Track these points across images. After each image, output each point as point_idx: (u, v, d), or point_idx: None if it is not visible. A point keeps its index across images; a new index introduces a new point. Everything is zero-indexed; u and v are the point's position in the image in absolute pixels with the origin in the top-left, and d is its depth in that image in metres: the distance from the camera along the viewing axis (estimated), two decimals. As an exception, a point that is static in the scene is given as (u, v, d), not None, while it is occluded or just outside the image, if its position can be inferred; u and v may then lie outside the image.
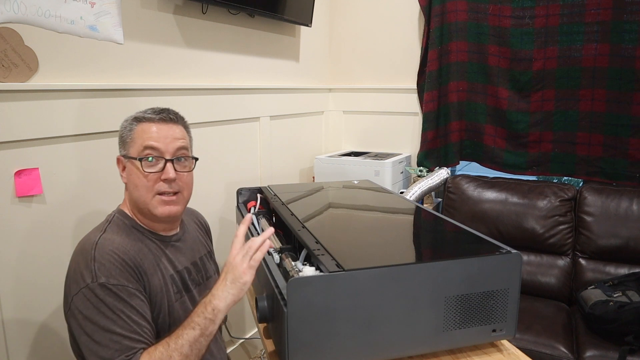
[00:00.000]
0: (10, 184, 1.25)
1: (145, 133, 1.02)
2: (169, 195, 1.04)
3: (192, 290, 1.10)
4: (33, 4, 1.26)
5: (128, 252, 0.97)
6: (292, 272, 0.92)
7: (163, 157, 1.02)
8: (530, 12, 2.21)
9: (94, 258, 0.92)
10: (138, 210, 1.06)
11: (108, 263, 0.92)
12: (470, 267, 0.88)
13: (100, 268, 0.91)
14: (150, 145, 1.01)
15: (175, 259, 1.09)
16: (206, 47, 1.91)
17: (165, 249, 1.08)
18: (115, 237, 0.99)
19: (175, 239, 1.12)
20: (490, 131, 2.42)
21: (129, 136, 1.04)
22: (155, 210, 1.03)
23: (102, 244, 0.95)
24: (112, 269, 0.92)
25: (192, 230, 1.22)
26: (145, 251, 1.02)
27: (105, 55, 1.49)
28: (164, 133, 1.03)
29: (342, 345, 0.83)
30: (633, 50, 2.02)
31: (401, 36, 2.61)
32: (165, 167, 1.02)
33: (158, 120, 1.04)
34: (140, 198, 1.02)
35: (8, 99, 1.23)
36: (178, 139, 1.05)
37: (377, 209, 1.28)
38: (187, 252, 1.14)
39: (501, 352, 0.95)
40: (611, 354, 1.62)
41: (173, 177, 1.02)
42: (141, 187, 1.02)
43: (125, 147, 1.05)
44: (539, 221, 2.11)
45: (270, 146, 2.36)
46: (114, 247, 0.96)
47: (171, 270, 1.06)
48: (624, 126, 2.09)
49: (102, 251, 0.94)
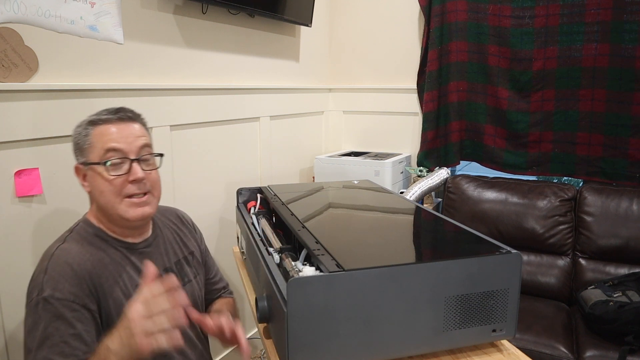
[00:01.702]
0: (10, 184, 1.25)
1: (104, 135, 0.97)
2: (139, 197, 0.99)
3: None
4: (33, 4, 1.26)
5: (84, 264, 0.93)
6: (292, 272, 0.92)
7: (127, 157, 0.97)
8: (530, 12, 2.21)
9: (45, 270, 0.90)
10: (107, 217, 1.01)
11: (58, 275, 0.89)
12: (470, 267, 0.88)
13: (49, 281, 0.88)
14: (112, 147, 0.96)
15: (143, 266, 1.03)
16: (206, 47, 1.91)
17: (131, 257, 1.03)
18: (74, 246, 0.95)
19: (145, 245, 1.07)
20: (490, 131, 2.42)
21: (86, 142, 0.98)
22: (126, 214, 0.98)
23: (57, 255, 0.92)
24: (61, 282, 0.88)
25: (168, 233, 1.16)
26: (106, 261, 0.97)
27: (105, 55, 1.49)
28: (124, 132, 0.98)
29: (342, 345, 0.83)
30: (633, 50, 2.02)
31: (401, 36, 2.61)
32: (132, 167, 0.97)
33: (116, 120, 0.99)
34: (108, 204, 0.97)
35: (8, 99, 1.23)
36: (140, 137, 1.00)
37: (377, 209, 1.28)
38: (158, 258, 1.09)
39: (501, 352, 0.95)
40: (611, 354, 1.62)
41: (142, 177, 0.98)
42: (107, 192, 0.96)
43: (83, 154, 0.99)
44: (539, 221, 2.11)
45: (270, 146, 2.36)
46: (69, 257, 0.92)
47: (138, 280, 1.01)
48: (624, 126, 2.10)
49: (55, 262, 0.91)
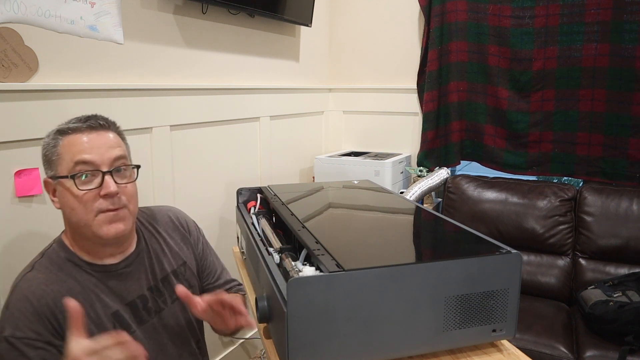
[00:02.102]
0: (10, 184, 1.25)
1: (73, 146, 0.89)
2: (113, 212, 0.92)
3: (148, 321, 1.00)
4: (33, 4, 1.26)
5: (45, 298, 0.87)
6: (292, 272, 0.92)
7: (99, 169, 0.90)
8: (530, 12, 2.21)
9: (7, 305, 0.87)
10: (80, 237, 0.94)
11: (17, 312, 0.85)
12: (470, 267, 0.88)
13: (9, 318, 0.85)
14: (82, 159, 0.88)
15: (124, 289, 0.98)
16: (206, 47, 1.91)
17: (108, 282, 0.96)
18: (40, 276, 0.90)
19: (125, 265, 0.99)
20: (490, 131, 2.42)
21: (54, 153, 0.90)
22: (99, 231, 0.90)
23: (20, 287, 0.88)
24: (21, 319, 0.85)
25: (155, 245, 1.08)
26: (76, 290, 0.91)
27: (105, 55, 1.49)
28: (95, 143, 0.90)
29: (342, 345, 0.83)
30: (633, 50, 2.02)
31: (401, 36, 2.61)
32: (104, 180, 0.89)
33: (86, 128, 0.91)
34: (80, 222, 0.90)
35: (8, 99, 1.23)
36: (113, 147, 0.93)
37: (377, 209, 1.28)
38: (141, 277, 1.02)
39: (501, 352, 0.95)
40: (611, 354, 1.62)
41: (115, 191, 0.90)
42: (78, 209, 0.89)
43: (51, 166, 0.91)
44: (539, 221, 2.11)
45: (270, 146, 2.36)
46: (30, 291, 0.87)
47: (116, 306, 0.95)
48: (624, 126, 2.09)
49: (16, 297, 0.87)
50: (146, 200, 1.66)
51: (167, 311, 1.05)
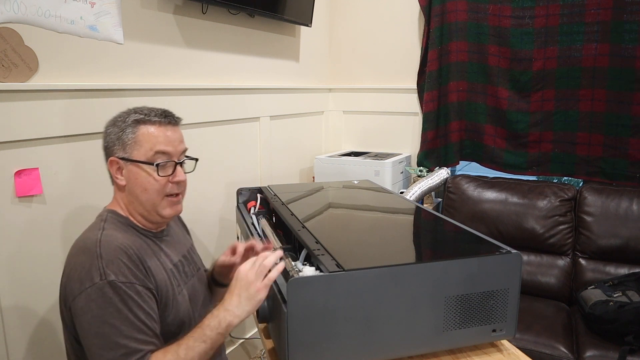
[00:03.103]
0: (10, 184, 1.25)
1: (154, 137, 1.02)
2: (176, 197, 1.06)
3: (188, 282, 1.11)
4: (33, 4, 1.26)
5: (132, 248, 0.96)
6: (292, 272, 0.92)
7: (173, 160, 1.04)
8: (530, 12, 2.21)
9: (100, 255, 0.91)
10: (138, 211, 1.05)
11: (116, 260, 0.92)
12: (470, 267, 0.88)
13: (109, 265, 0.91)
14: (163, 149, 1.02)
15: (170, 252, 1.10)
16: (206, 47, 1.91)
17: (160, 244, 1.09)
18: (116, 233, 0.99)
19: (165, 234, 1.13)
20: (490, 131, 2.42)
21: (131, 138, 1.01)
22: (163, 211, 1.04)
23: (106, 241, 0.94)
24: (121, 266, 0.92)
25: (174, 226, 1.23)
26: (145, 247, 1.02)
27: (105, 55, 1.49)
28: (172, 137, 1.04)
29: (342, 345, 0.83)
30: (633, 50, 2.02)
31: (401, 36, 2.61)
32: (176, 169, 1.04)
33: (167, 123, 1.04)
34: (149, 201, 1.03)
35: (8, 99, 1.23)
36: (182, 142, 1.07)
37: (377, 209, 1.28)
38: (176, 245, 1.15)
39: (501, 352, 0.95)
40: (611, 354, 1.62)
41: (184, 179, 1.06)
42: (152, 190, 1.02)
43: (125, 149, 1.02)
44: (539, 221, 2.11)
45: (270, 146, 2.36)
46: (119, 243, 0.95)
47: (170, 264, 1.07)
48: (624, 126, 2.10)
49: (107, 248, 0.93)
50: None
51: (196, 277, 1.16)
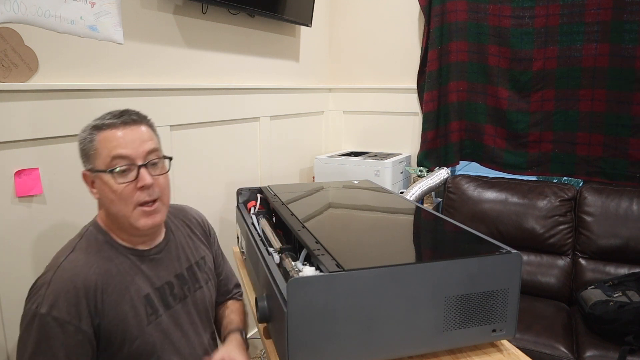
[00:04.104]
0: (10, 184, 1.25)
1: (109, 142, 0.94)
2: (149, 205, 0.97)
3: (172, 307, 1.04)
4: (33, 4, 1.26)
5: (88, 279, 0.91)
6: (292, 272, 0.92)
7: (134, 163, 0.95)
8: (530, 12, 2.21)
9: (49, 282, 0.88)
10: (116, 225, 0.99)
11: (60, 291, 0.87)
12: (470, 267, 0.88)
13: (49, 296, 0.87)
14: (118, 154, 0.93)
15: (154, 274, 1.02)
16: (206, 47, 1.91)
17: (141, 265, 1.01)
18: (82, 256, 0.94)
19: (156, 252, 1.05)
20: (490, 131, 2.42)
21: (91, 148, 0.95)
22: (136, 223, 0.96)
23: (63, 268, 0.90)
24: (61, 300, 0.87)
25: (181, 236, 1.14)
26: (113, 272, 0.95)
27: (105, 55, 1.49)
28: (130, 137, 0.95)
29: (342, 345, 0.83)
30: (633, 50, 2.02)
31: (401, 36, 2.61)
32: (139, 173, 0.95)
33: (120, 124, 0.95)
34: (119, 213, 0.95)
35: (8, 99, 1.23)
36: (146, 141, 0.97)
37: (377, 209, 1.28)
38: (170, 264, 1.07)
39: (501, 352, 0.95)
40: (611, 354, 1.62)
41: (150, 183, 0.95)
42: (118, 201, 0.94)
43: (89, 160, 0.96)
44: (539, 221, 2.11)
45: (270, 146, 2.36)
46: (75, 272, 0.90)
47: (147, 289, 1.00)
48: (624, 126, 2.10)
49: (60, 277, 0.89)
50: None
51: (190, 299, 1.09)
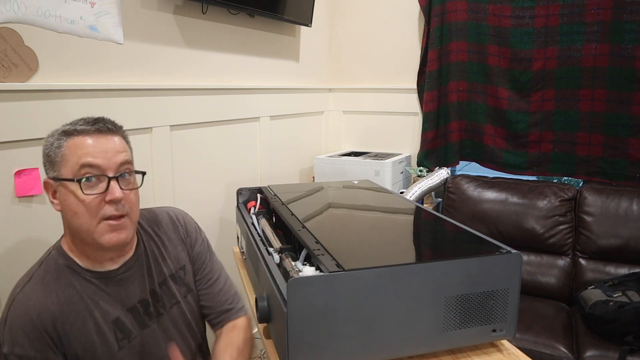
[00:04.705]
0: (10, 184, 1.25)
1: (79, 148, 0.87)
2: (116, 220, 0.89)
3: (150, 325, 0.99)
4: (33, 4, 1.26)
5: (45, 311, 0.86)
6: (292, 272, 0.92)
7: (105, 174, 0.88)
8: (530, 12, 2.21)
9: (5, 320, 0.86)
10: (80, 241, 0.92)
11: (17, 328, 0.84)
12: (470, 267, 0.88)
13: (8, 334, 0.84)
14: (88, 162, 0.86)
15: (124, 295, 0.96)
16: (206, 47, 1.91)
17: (108, 289, 0.95)
18: (38, 287, 0.89)
19: (124, 270, 0.98)
20: (490, 131, 2.42)
21: (57, 154, 0.88)
22: (100, 238, 0.89)
23: (18, 301, 0.87)
24: (20, 336, 0.84)
25: (153, 247, 1.05)
26: (75, 300, 0.90)
27: (105, 55, 1.49)
28: (102, 146, 0.88)
29: (342, 345, 0.83)
30: (633, 50, 2.01)
31: (401, 36, 2.61)
32: (110, 186, 0.88)
33: (94, 131, 0.89)
34: (82, 227, 0.88)
35: (8, 99, 1.23)
36: (120, 152, 0.91)
37: (377, 209, 1.28)
38: (141, 280, 1.00)
39: (501, 352, 0.95)
40: (611, 354, 1.62)
41: (120, 197, 0.88)
42: (82, 213, 0.87)
43: (54, 167, 0.89)
44: (539, 221, 2.11)
45: (270, 146, 2.36)
46: (29, 305, 0.86)
47: (117, 313, 0.94)
48: (624, 126, 2.10)
49: (15, 312, 0.86)
50: (146, 201, 1.66)
51: (166, 316, 1.03)
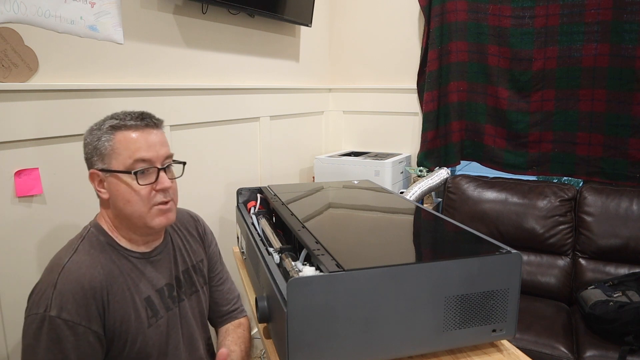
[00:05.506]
0: (10, 184, 1.25)
1: (131, 143, 0.95)
2: (165, 204, 0.99)
3: (172, 309, 1.05)
4: (33, 4, 1.26)
5: (94, 280, 0.91)
6: (292, 272, 0.92)
7: (155, 166, 0.97)
8: (530, 12, 2.21)
9: (55, 285, 0.88)
10: (125, 225, 0.99)
11: (68, 293, 0.87)
12: (470, 267, 0.88)
13: (57, 298, 0.87)
14: (142, 157, 0.95)
15: (155, 276, 1.03)
16: (206, 47, 1.91)
17: (144, 268, 1.02)
18: (86, 258, 0.93)
19: (157, 253, 1.06)
20: (490, 131, 2.42)
21: (107, 147, 0.95)
22: (152, 222, 0.98)
23: (68, 269, 0.90)
24: (70, 301, 0.87)
25: (178, 240, 1.14)
26: (116, 274, 0.96)
27: (105, 55, 1.49)
28: (151, 141, 0.97)
29: (342, 345, 0.83)
30: (633, 50, 2.02)
31: (401, 36, 2.61)
32: (159, 176, 0.97)
33: (144, 127, 0.97)
34: (135, 213, 0.96)
35: (8, 99, 1.23)
36: (164, 145, 1.00)
37: (377, 209, 1.28)
38: (168, 266, 1.07)
39: (501, 352, 0.95)
40: (611, 354, 1.62)
41: (169, 186, 0.98)
42: (135, 202, 0.95)
43: (103, 159, 0.96)
44: (539, 221, 2.11)
45: (270, 146, 2.36)
46: (80, 274, 0.90)
47: (148, 292, 1.00)
48: (624, 126, 2.10)
49: (66, 278, 0.89)
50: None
51: (186, 302, 1.09)
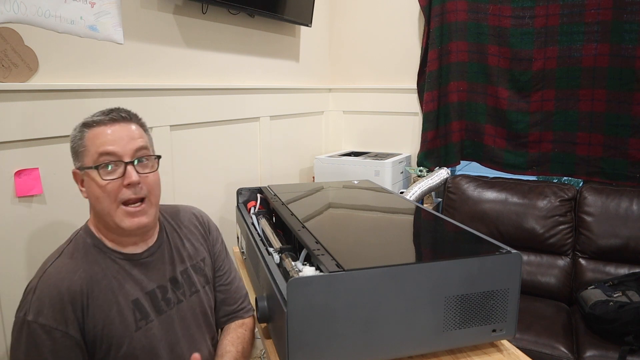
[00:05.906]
0: (10, 184, 1.25)
1: (97, 138, 0.94)
2: (135, 206, 0.95)
3: (165, 312, 1.01)
4: (33, 4, 1.26)
5: (74, 284, 0.90)
6: (292, 272, 0.92)
7: (122, 160, 0.94)
8: (530, 12, 2.21)
9: (34, 289, 0.89)
10: (104, 225, 0.97)
11: (44, 298, 0.88)
12: (470, 267, 0.88)
13: (35, 302, 0.87)
14: (106, 150, 0.93)
15: (144, 278, 1.00)
16: (206, 47, 1.91)
17: (131, 270, 0.99)
18: (68, 262, 0.93)
19: (148, 254, 1.02)
20: (490, 131, 2.42)
21: (80, 145, 0.95)
22: (121, 223, 0.94)
23: (49, 274, 0.90)
24: (46, 306, 0.87)
25: (176, 238, 1.11)
26: (99, 277, 0.94)
27: (105, 55, 1.49)
28: (118, 134, 0.94)
29: (342, 345, 0.83)
30: (633, 50, 2.01)
31: (401, 36, 2.61)
32: (126, 170, 0.94)
33: (109, 121, 0.95)
34: (103, 210, 0.94)
35: (8, 99, 1.23)
36: (135, 139, 0.96)
37: (377, 209, 1.28)
38: (162, 267, 1.04)
39: (501, 352, 0.95)
40: (611, 354, 1.62)
41: (136, 180, 0.93)
42: (102, 198, 0.93)
43: (78, 158, 0.96)
44: (539, 221, 2.11)
45: (270, 146, 2.36)
46: (59, 278, 0.90)
47: (137, 294, 0.98)
48: (624, 126, 2.10)
49: (44, 283, 0.89)
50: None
51: (185, 304, 1.06)
